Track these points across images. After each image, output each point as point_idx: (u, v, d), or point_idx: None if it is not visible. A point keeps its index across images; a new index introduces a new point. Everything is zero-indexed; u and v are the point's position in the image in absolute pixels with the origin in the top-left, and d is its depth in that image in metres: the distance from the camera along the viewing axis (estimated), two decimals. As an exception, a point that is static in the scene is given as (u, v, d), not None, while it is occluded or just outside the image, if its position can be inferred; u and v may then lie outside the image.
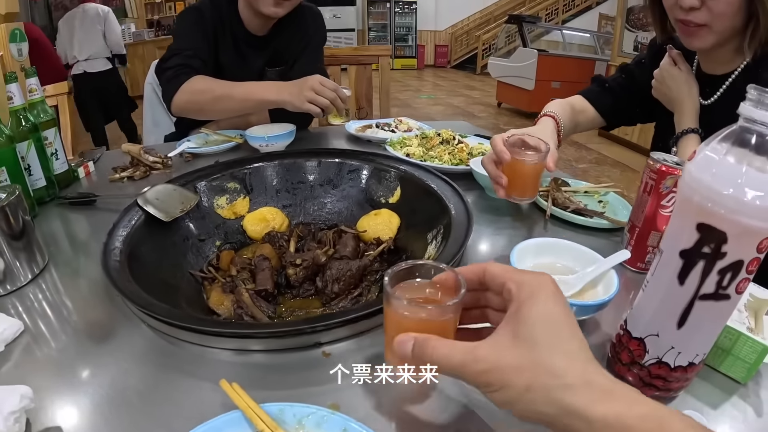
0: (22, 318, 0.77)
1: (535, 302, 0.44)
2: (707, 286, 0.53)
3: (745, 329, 0.65)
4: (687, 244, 0.53)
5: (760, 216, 0.47)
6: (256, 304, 0.81)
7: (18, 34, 1.42)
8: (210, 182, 1.11)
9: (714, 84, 1.19)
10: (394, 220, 1.04)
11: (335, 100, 1.44)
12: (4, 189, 0.89)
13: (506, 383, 0.42)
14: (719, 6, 1.02)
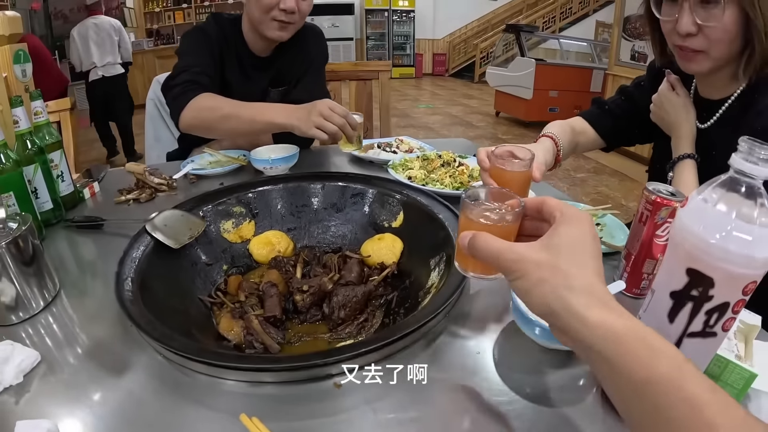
0: (37, 347, 0.78)
1: (570, 226, 0.52)
2: (695, 325, 0.56)
3: (734, 357, 0.68)
4: (677, 286, 0.56)
5: (744, 264, 0.50)
6: (265, 330, 0.83)
7: (22, 54, 1.43)
8: (216, 207, 1.13)
9: (711, 108, 1.21)
10: (398, 244, 1.06)
11: (344, 127, 1.38)
12: (15, 218, 0.91)
13: (525, 273, 0.50)
14: (716, 33, 1.04)
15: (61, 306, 0.93)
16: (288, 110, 1.44)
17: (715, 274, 0.53)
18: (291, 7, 1.59)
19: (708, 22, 1.03)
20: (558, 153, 1.26)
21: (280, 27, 1.63)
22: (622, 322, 0.46)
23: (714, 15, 1.03)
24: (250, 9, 1.64)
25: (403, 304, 0.93)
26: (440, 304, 0.76)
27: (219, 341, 0.85)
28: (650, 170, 1.48)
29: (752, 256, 0.51)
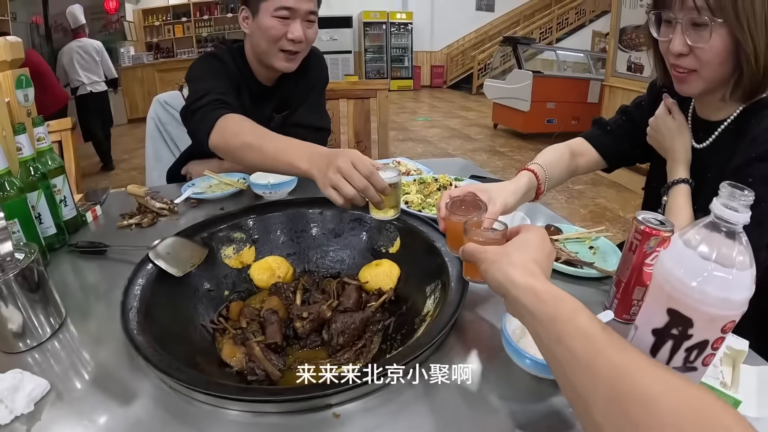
0: (45, 374, 0.80)
1: (524, 233, 0.77)
2: (676, 361, 0.59)
3: (718, 384, 0.71)
4: (658, 324, 0.59)
5: (723, 306, 0.53)
6: (267, 357, 0.85)
7: (24, 80, 1.44)
8: (217, 233, 1.16)
9: (708, 129, 1.23)
10: (395, 270, 1.09)
11: (366, 190, 1.03)
12: (21, 248, 0.93)
13: (485, 259, 0.73)
14: (705, 54, 1.07)
15: (67, 333, 0.95)
16: (312, 156, 1.17)
17: (694, 315, 0.55)
18: (299, 36, 1.60)
19: (698, 44, 1.06)
20: (539, 186, 1.26)
21: (287, 58, 1.64)
22: (541, 285, 0.64)
23: (703, 37, 1.05)
24: (256, 40, 1.65)
25: (400, 330, 0.96)
26: (434, 335, 0.79)
27: (222, 368, 0.87)
28: (646, 189, 1.50)
29: (729, 299, 0.54)
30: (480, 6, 15.27)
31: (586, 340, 0.54)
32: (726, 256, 0.54)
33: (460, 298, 0.87)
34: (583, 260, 1.15)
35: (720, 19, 1.02)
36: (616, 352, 0.52)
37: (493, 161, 6.64)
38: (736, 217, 0.53)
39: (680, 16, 1.07)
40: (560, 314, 0.59)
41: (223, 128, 1.40)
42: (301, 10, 1.60)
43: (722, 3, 1.02)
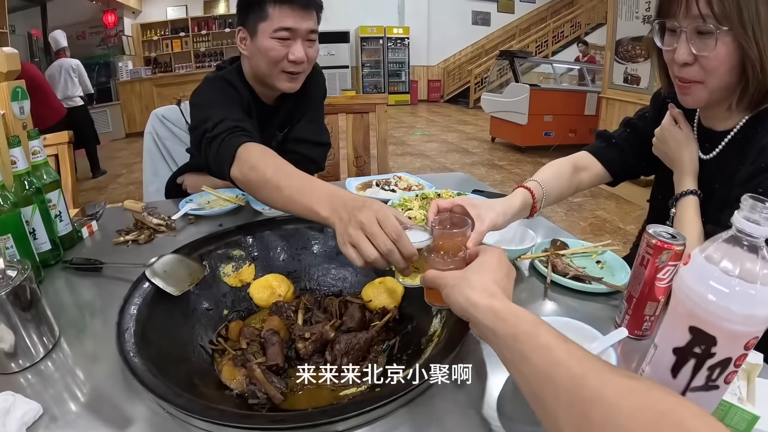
0: (38, 396, 0.78)
1: (482, 255, 0.80)
2: (698, 380, 0.57)
3: (736, 400, 0.68)
4: (680, 343, 0.56)
5: (746, 323, 0.51)
6: (268, 380, 0.82)
7: (20, 92, 1.43)
8: (215, 251, 1.13)
9: (714, 139, 1.22)
10: (399, 288, 1.06)
11: (390, 254, 0.89)
12: (14, 265, 0.90)
13: (445, 284, 0.75)
14: (711, 63, 1.06)
15: (61, 354, 0.92)
16: (333, 204, 1.03)
17: (718, 332, 0.53)
18: (300, 57, 1.58)
19: (703, 52, 1.05)
20: (534, 204, 1.23)
21: (290, 78, 1.62)
22: (500, 303, 0.67)
23: (709, 45, 1.05)
24: (256, 62, 1.62)
25: (405, 351, 0.93)
26: (443, 358, 0.77)
27: (221, 390, 0.84)
28: (651, 200, 1.48)
29: (754, 315, 0.52)
30: (476, 20, 15.40)
31: (546, 352, 0.57)
32: (749, 271, 0.52)
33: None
34: (591, 275, 1.13)
35: (725, 27, 1.01)
36: (575, 363, 0.54)
37: (491, 175, 6.64)
38: (759, 230, 0.51)
39: (685, 24, 1.06)
40: (520, 331, 0.61)
41: (243, 159, 1.29)
42: (301, 29, 1.57)
43: (727, 10, 1.01)
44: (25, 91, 1.48)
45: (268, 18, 1.54)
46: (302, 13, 1.56)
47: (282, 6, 1.53)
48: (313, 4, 1.59)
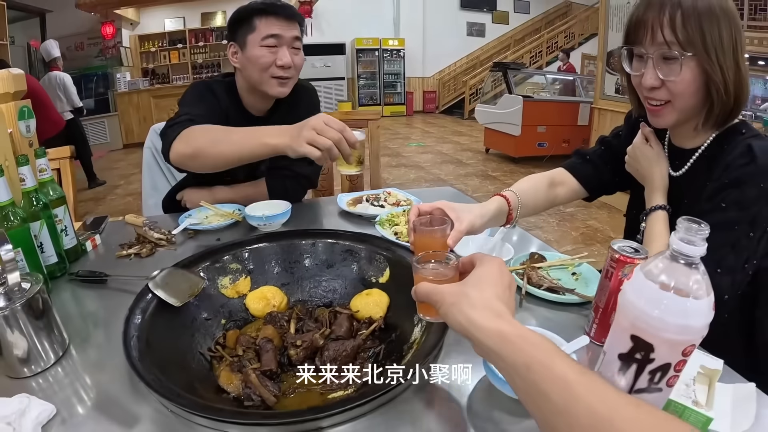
0: (50, 399, 0.84)
1: (481, 266, 0.73)
2: (641, 383, 0.64)
3: (690, 402, 0.75)
4: (623, 350, 0.64)
5: (680, 332, 0.58)
6: (262, 383, 0.89)
7: (26, 111, 1.49)
8: (213, 264, 1.20)
9: (683, 157, 1.29)
10: (384, 299, 1.13)
11: (340, 143, 1.23)
12: (27, 278, 0.97)
13: (442, 301, 0.69)
14: (677, 87, 1.13)
15: (71, 359, 0.99)
16: (281, 129, 1.33)
17: (655, 341, 0.60)
18: (288, 62, 1.70)
19: (669, 77, 1.12)
20: (510, 213, 1.29)
21: (280, 83, 1.73)
22: (508, 327, 0.61)
23: (674, 70, 1.12)
24: (248, 72, 1.74)
25: (389, 357, 0.99)
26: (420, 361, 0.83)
27: (219, 393, 0.91)
28: (627, 215, 1.55)
29: (688, 325, 0.59)
30: (471, 32, 15.49)
31: (563, 386, 0.54)
32: (683, 286, 0.59)
33: (444, 326, 0.91)
34: (564, 287, 1.20)
35: (689, 53, 1.09)
36: (596, 400, 0.52)
37: (485, 186, 6.70)
38: (693, 250, 0.58)
39: (651, 51, 1.14)
40: (534, 360, 0.57)
41: (186, 136, 1.47)
42: (286, 36, 1.71)
43: (691, 37, 1.08)
44: (31, 110, 1.54)
45: (256, 29, 1.69)
46: (286, 22, 1.71)
47: (268, 17, 1.69)
48: (296, 16, 1.75)
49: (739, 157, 1.13)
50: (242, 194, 1.83)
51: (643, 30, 1.15)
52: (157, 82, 11.55)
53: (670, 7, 1.10)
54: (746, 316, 1.23)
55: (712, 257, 1.09)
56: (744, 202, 1.09)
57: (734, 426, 0.76)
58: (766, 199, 1.09)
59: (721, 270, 1.08)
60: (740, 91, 1.14)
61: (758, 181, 1.09)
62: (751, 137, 1.16)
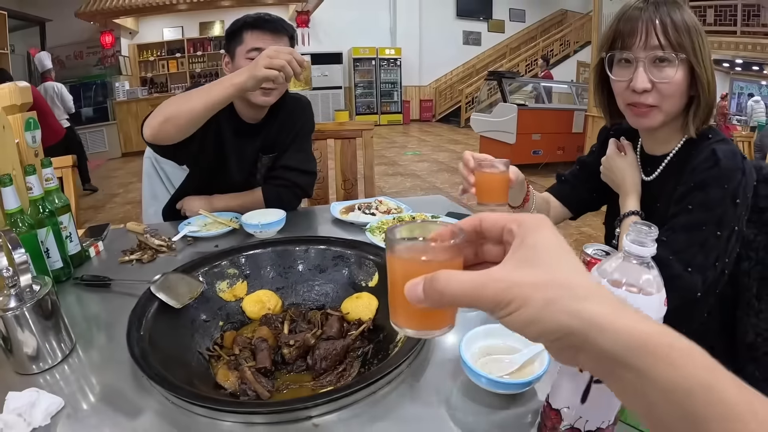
0: (58, 393, 0.90)
1: (539, 232, 0.45)
2: (597, 372, 0.70)
3: None
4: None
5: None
6: (257, 380, 0.96)
7: (32, 122, 1.54)
8: (212, 269, 1.26)
9: (655, 163, 1.36)
10: (373, 302, 1.19)
11: (291, 62, 1.47)
12: (37, 281, 1.03)
13: (526, 300, 0.41)
14: (668, 89, 1.20)
15: (77, 358, 1.05)
16: (239, 71, 1.53)
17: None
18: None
19: (663, 80, 1.19)
20: (527, 192, 1.40)
21: (264, 93, 1.79)
22: (643, 326, 0.41)
23: (666, 72, 1.19)
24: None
25: (377, 356, 1.05)
26: (400, 359, 0.90)
27: (217, 389, 0.97)
28: (606, 223, 1.61)
29: None
30: (467, 40, 15.64)
31: (728, 413, 0.38)
32: (634, 282, 0.65)
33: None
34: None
35: (683, 55, 1.17)
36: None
37: (480, 194, 6.73)
38: (644, 251, 0.64)
39: (642, 55, 1.20)
40: (696, 382, 0.39)
41: (157, 109, 1.63)
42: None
43: (681, 40, 1.17)
44: (36, 121, 1.60)
45: (243, 42, 1.78)
46: (272, 36, 1.79)
47: (254, 31, 1.78)
48: (283, 30, 1.82)
49: (703, 161, 1.20)
50: (239, 203, 1.89)
51: (634, 36, 1.21)
52: (155, 91, 11.64)
53: (659, 16, 1.18)
54: (727, 317, 1.29)
55: (682, 257, 1.16)
56: (709, 204, 1.16)
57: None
58: (730, 200, 1.16)
59: (692, 269, 1.15)
60: (713, 93, 1.22)
61: (722, 183, 1.16)
62: (716, 142, 1.24)
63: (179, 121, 1.57)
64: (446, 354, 1.02)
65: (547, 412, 0.77)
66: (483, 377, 0.86)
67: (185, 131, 1.61)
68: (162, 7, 10.59)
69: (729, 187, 1.15)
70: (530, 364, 0.93)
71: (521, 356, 0.93)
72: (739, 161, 1.20)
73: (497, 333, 0.98)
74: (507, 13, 15.98)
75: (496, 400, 0.88)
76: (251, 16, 1.80)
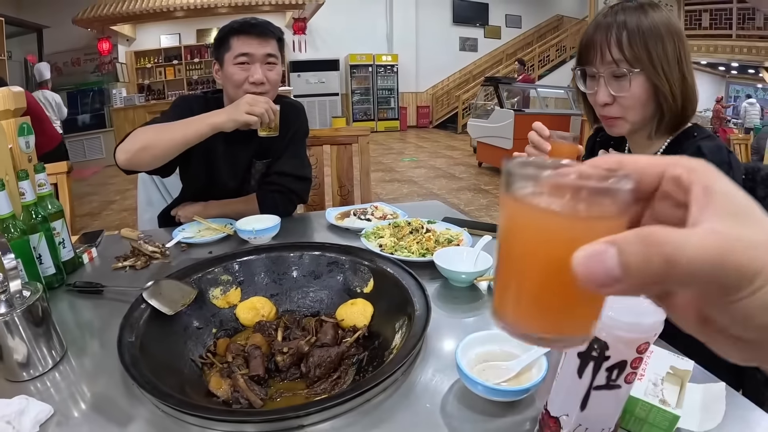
0: (48, 401, 0.88)
1: (720, 179, 0.33)
2: (599, 380, 0.68)
3: (658, 401, 0.79)
4: (581, 348, 0.69)
5: (632, 330, 0.63)
6: (250, 388, 0.94)
7: (26, 128, 1.52)
8: (205, 275, 1.25)
9: None
10: (368, 309, 1.18)
11: (268, 111, 1.62)
12: (27, 287, 1.02)
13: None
14: (627, 101, 1.24)
15: (68, 365, 1.03)
16: (218, 111, 1.64)
17: (608, 338, 0.65)
18: (259, 78, 1.78)
19: (620, 93, 1.23)
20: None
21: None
22: None
23: (624, 86, 1.23)
24: (227, 89, 1.85)
25: (372, 363, 1.04)
26: (396, 366, 0.89)
27: (209, 398, 0.95)
28: None
29: (639, 323, 0.64)
30: (463, 47, 15.67)
31: None
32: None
33: (422, 329, 0.98)
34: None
35: (637, 69, 1.19)
36: None
37: (477, 199, 6.77)
38: None
39: (602, 70, 1.24)
40: None
41: (133, 135, 1.69)
42: (258, 54, 1.79)
43: (637, 54, 1.19)
44: (30, 126, 1.59)
45: (231, 48, 1.79)
46: (259, 40, 1.79)
47: (240, 36, 1.78)
48: (270, 34, 1.82)
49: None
50: (234, 209, 1.88)
51: (593, 51, 1.25)
52: (152, 98, 11.64)
53: (616, 28, 1.21)
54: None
55: None
56: None
57: (703, 423, 0.80)
58: None
59: None
60: (687, 99, 1.24)
61: None
62: (701, 139, 1.27)
63: (155, 151, 1.65)
64: (442, 361, 1.01)
65: (546, 419, 0.76)
66: (479, 385, 0.85)
67: (160, 160, 1.69)
68: (159, 14, 10.57)
69: None
70: (528, 371, 0.91)
71: (519, 362, 0.92)
72: (725, 155, 1.23)
73: (494, 339, 0.97)
74: (503, 19, 16.02)
75: (494, 407, 0.87)
76: (237, 21, 1.81)
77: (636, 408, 0.79)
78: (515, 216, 0.34)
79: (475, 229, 1.68)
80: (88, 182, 7.81)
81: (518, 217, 0.34)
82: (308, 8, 11.56)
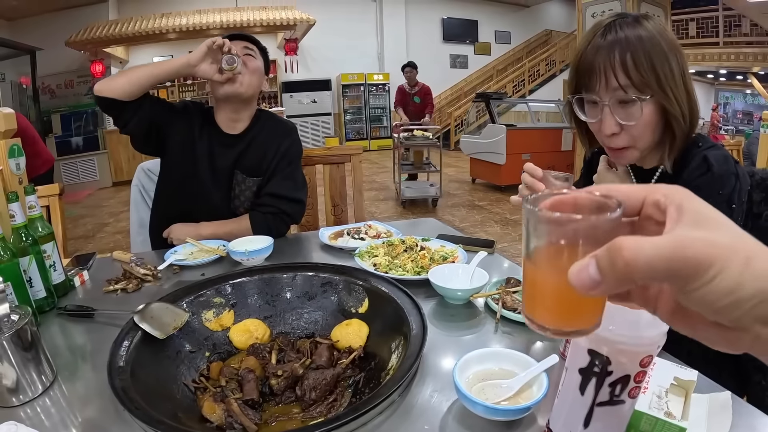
0: (37, 427, 0.86)
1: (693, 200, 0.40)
2: (602, 396, 0.67)
3: (663, 414, 0.77)
4: (582, 364, 0.67)
5: (634, 343, 0.62)
6: (244, 412, 0.92)
7: (16, 149, 1.52)
8: (198, 298, 1.23)
9: (646, 176, 1.34)
10: (364, 329, 1.16)
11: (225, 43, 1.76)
12: (15, 310, 1.00)
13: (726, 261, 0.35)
14: (637, 129, 1.16)
15: (58, 390, 1.01)
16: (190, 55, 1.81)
17: (611, 353, 0.64)
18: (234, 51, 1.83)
19: (629, 121, 1.15)
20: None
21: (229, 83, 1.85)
22: None
23: (633, 114, 1.15)
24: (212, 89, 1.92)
25: (368, 384, 1.03)
26: (393, 387, 0.87)
27: (202, 423, 0.93)
28: None
29: (641, 336, 0.62)
30: (454, 64, 15.78)
31: None
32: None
33: (419, 348, 0.96)
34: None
35: (646, 96, 1.12)
36: None
37: (471, 215, 6.76)
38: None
39: (606, 98, 1.16)
40: None
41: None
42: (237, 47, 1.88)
43: (645, 78, 1.11)
44: (21, 148, 1.58)
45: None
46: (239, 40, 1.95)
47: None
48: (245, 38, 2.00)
49: (696, 168, 1.19)
50: (226, 230, 1.87)
51: (596, 77, 1.16)
52: (145, 119, 11.62)
53: (619, 50, 1.12)
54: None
55: None
56: None
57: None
58: (726, 205, 1.14)
59: None
60: (693, 114, 1.19)
61: (716, 188, 1.14)
62: (706, 148, 1.22)
63: (130, 77, 1.80)
64: (440, 381, 0.99)
65: (548, 438, 0.75)
66: (479, 404, 0.83)
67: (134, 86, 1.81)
68: (152, 36, 10.58)
69: (724, 192, 1.14)
70: (528, 388, 0.90)
71: (518, 380, 0.90)
72: (732, 166, 1.19)
73: (492, 357, 0.95)
74: (493, 36, 16.16)
75: (494, 427, 0.85)
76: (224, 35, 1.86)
77: (641, 422, 0.77)
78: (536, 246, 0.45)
79: (470, 245, 1.67)
80: (83, 204, 7.76)
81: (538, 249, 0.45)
82: (299, 29, 11.60)
